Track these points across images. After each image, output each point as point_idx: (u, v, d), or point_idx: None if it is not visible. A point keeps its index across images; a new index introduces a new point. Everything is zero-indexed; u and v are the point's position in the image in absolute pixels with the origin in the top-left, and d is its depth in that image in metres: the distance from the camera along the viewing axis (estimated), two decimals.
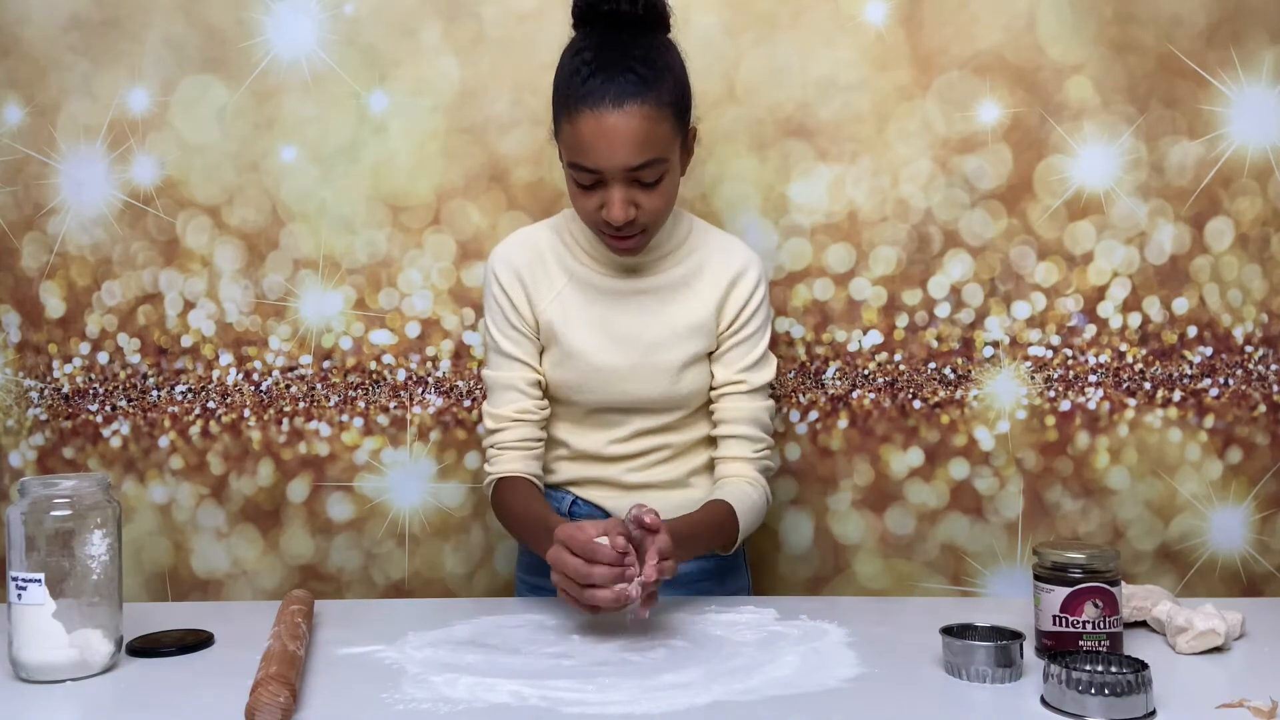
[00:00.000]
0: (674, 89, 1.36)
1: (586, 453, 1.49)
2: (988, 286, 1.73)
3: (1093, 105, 1.71)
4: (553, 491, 1.52)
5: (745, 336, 1.47)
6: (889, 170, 1.72)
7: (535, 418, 1.46)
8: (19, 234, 1.78)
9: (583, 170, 1.35)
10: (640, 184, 1.35)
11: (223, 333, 1.78)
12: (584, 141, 1.33)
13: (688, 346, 1.46)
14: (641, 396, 1.45)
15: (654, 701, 1.06)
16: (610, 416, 1.47)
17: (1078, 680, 1.02)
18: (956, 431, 1.75)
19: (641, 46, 1.34)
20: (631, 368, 1.45)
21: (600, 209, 1.36)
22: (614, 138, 1.31)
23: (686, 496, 1.47)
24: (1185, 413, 1.74)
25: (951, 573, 1.76)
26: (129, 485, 1.79)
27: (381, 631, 1.29)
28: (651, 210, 1.36)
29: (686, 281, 1.47)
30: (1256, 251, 1.73)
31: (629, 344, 1.45)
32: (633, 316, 1.46)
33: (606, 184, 1.34)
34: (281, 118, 1.75)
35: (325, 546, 1.79)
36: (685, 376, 1.46)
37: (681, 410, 1.48)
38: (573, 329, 1.45)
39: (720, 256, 1.49)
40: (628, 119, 1.30)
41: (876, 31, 1.71)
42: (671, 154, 1.36)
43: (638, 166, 1.32)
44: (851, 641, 1.25)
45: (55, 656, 1.14)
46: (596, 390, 1.45)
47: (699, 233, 1.51)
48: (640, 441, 1.47)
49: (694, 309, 1.46)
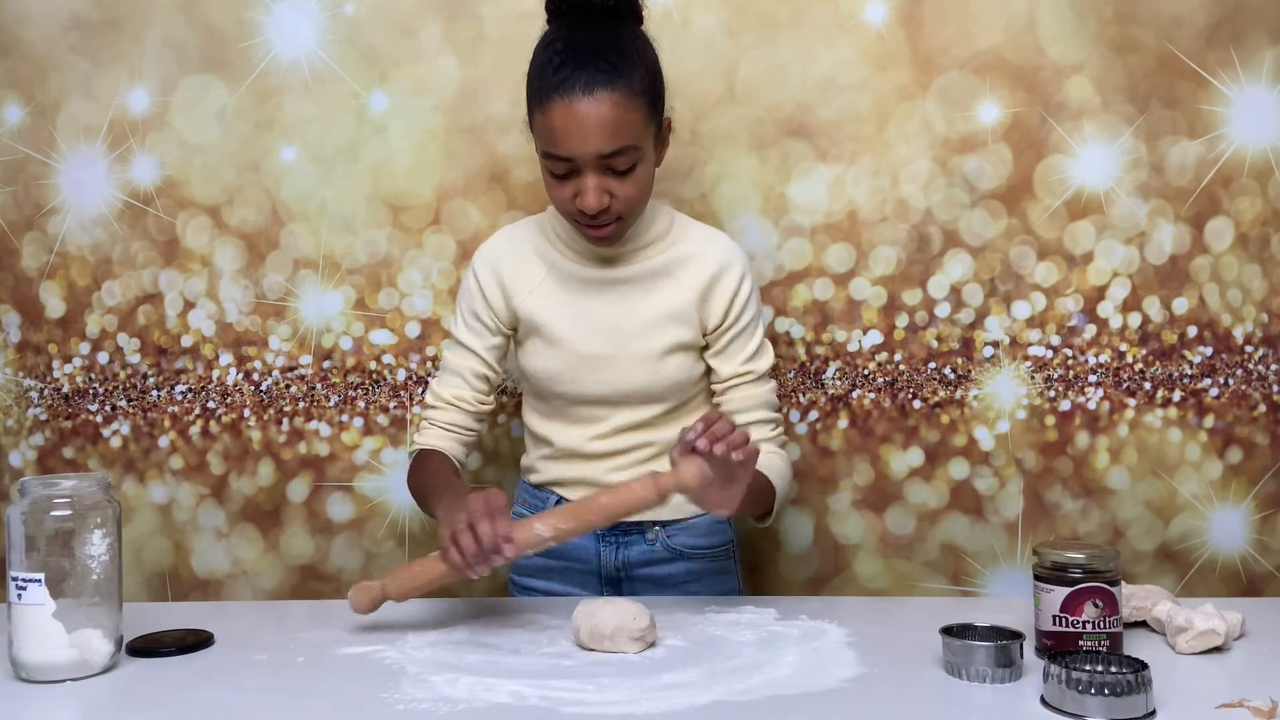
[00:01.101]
0: (645, 78, 1.37)
1: (568, 450, 1.49)
2: (988, 286, 1.73)
3: (1093, 105, 1.71)
4: (537, 492, 1.53)
5: (741, 328, 1.47)
6: (889, 170, 1.72)
7: (470, 408, 1.48)
8: (19, 234, 1.78)
9: (556, 159, 1.35)
10: (614, 172, 1.35)
11: (223, 333, 1.78)
12: (556, 130, 1.34)
13: (668, 334, 1.45)
14: (622, 387, 1.45)
15: (654, 701, 1.06)
16: (592, 410, 1.47)
17: (1078, 680, 1.02)
18: (956, 431, 1.75)
19: (613, 36, 1.36)
20: (612, 356, 1.45)
21: (575, 198, 1.36)
22: (585, 125, 1.32)
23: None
24: (1185, 413, 1.74)
25: (951, 573, 1.76)
26: (129, 485, 1.79)
27: (381, 631, 1.29)
28: (626, 199, 1.37)
29: (667, 270, 1.47)
30: (1256, 251, 1.73)
31: (609, 332, 1.45)
32: (612, 305, 1.46)
33: (580, 172, 1.35)
34: (281, 118, 1.75)
35: (325, 546, 1.79)
36: (667, 365, 1.46)
37: (663, 404, 1.47)
38: (553, 318, 1.46)
39: (702, 248, 1.49)
40: (598, 106, 1.32)
41: (876, 31, 1.71)
42: (644, 143, 1.37)
43: (610, 154, 1.33)
44: (851, 641, 1.24)
45: (55, 656, 1.14)
46: (577, 380, 1.46)
47: (680, 225, 1.51)
48: (622, 438, 1.47)
49: (674, 297, 1.46)
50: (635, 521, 1.48)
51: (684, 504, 1.47)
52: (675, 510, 1.48)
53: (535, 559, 1.50)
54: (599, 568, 1.50)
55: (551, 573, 1.52)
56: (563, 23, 1.39)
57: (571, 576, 1.52)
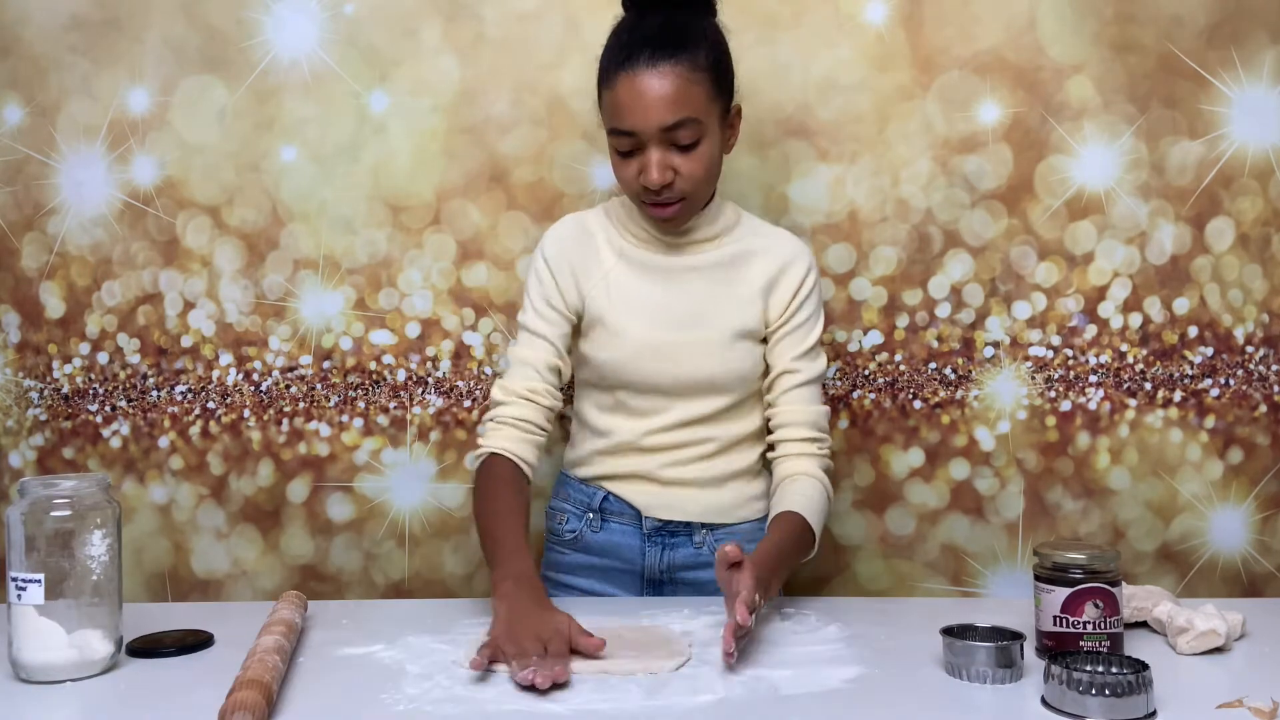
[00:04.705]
0: (712, 55, 1.38)
1: (624, 444, 1.47)
2: (988, 287, 1.73)
3: (1093, 105, 1.70)
4: (584, 486, 1.51)
5: (798, 324, 1.47)
6: (889, 170, 1.72)
7: (544, 401, 1.43)
8: (19, 234, 1.78)
9: (620, 134, 1.37)
10: (677, 148, 1.36)
11: (223, 333, 1.78)
12: (620, 104, 1.35)
13: (734, 321, 1.45)
14: (688, 376, 1.44)
15: (654, 701, 1.06)
16: (653, 402, 1.45)
17: (1078, 681, 1.01)
18: (957, 432, 1.75)
19: (681, 20, 1.38)
20: (679, 344, 1.44)
21: (639, 175, 1.37)
22: (648, 96, 1.33)
23: (718, 499, 1.47)
24: (1186, 413, 1.74)
25: (952, 573, 1.76)
26: (129, 485, 1.79)
27: (381, 631, 1.29)
28: (690, 175, 1.37)
29: (734, 263, 1.47)
30: (1257, 251, 1.73)
31: (677, 321, 1.44)
32: (680, 293, 1.46)
33: (644, 148, 1.36)
34: (281, 118, 1.75)
35: (325, 547, 1.79)
36: (734, 352, 1.44)
37: (726, 397, 1.45)
38: (621, 306, 1.45)
39: (769, 244, 1.49)
40: (661, 78, 1.33)
41: (876, 32, 1.71)
42: (709, 119, 1.37)
43: (672, 125, 1.34)
44: (851, 641, 1.25)
45: (55, 657, 1.14)
46: (642, 369, 1.44)
47: (748, 222, 1.52)
48: (681, 433, 1.46)
49: (740, 290, 1.46)
50: (684, 523, 1.47)
51: (732, 508, 1.47)
52: (722, 513, 1.48)
53: (576, 555, 1.50)
54: (643, 568, 1.49)
55: (593, 571, 1.50)
56: (634, 10, 1.41)
57: (613, 576, 1.50)
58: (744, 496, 1.49)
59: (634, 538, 1.48)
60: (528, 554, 1.30)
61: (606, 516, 1.49)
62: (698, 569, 1.48)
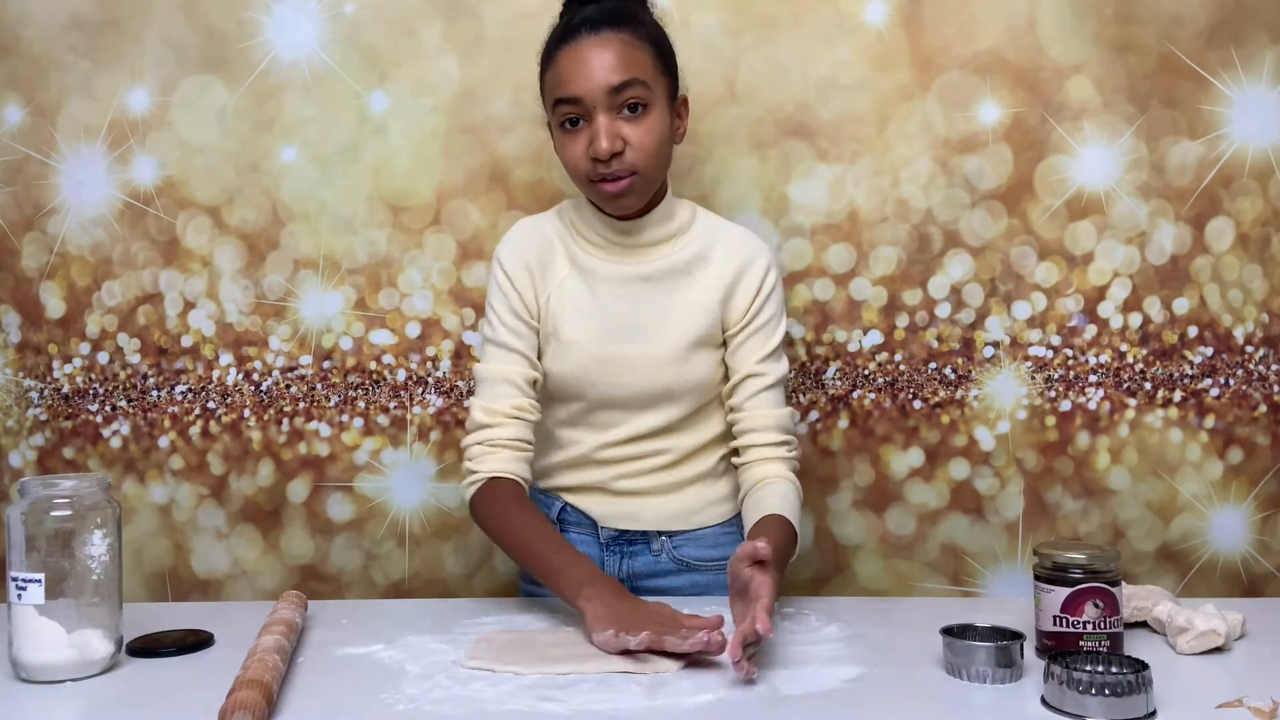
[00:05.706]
0: (653, 29, 1.39)
1: (582, 456, 1.45)
2: (988, 286, 1.73)
3: (1093, 105, 1.71)
4: (542, 497, 1.50)
5: (760, 325, 1.43)
6: (889, 170, 1.72)
7: (531, 416, 1.41)
8: (19, 234, 1.78)
9: (565, 104, 1.34)
10: (625, 114, 1.34)
11: (223, 333, 1.78)
12: (563, 74, 1.34)
13: (690, 331, 1.41)
14: (643, 389, 1.41)
15: (654, 701, 1.06)
16: (608, 415, 1.44)
17: (1078, 680, 1.02)
18: (957, 432, 1.75)
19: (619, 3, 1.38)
20: (630, 357, 1.41)
21: (589, 147, 1.34)
22: (592, 61, 1.33)
23: (677, 506, 1.46)
24: (1186, 413, 1.74)
25: (952, 573, 1.76)
26: (129, 485, 1.79)
27: (381, 631, 1.29)
28: (639, 146, 1.34)
29: (690, 268, 1.43)
30: (1257, 251, 1.73)
31: (631, 332, 1.41)
32: (635, 303, 1.42)
33: (591, 119, 1.34)
34: (281, 118, 1.75)
35: (325, 547, 1.79)
36: (690, 364, 1.41)
37: (682, 407, 1.43)
38: (573, 318, 1.42)
39: (727, 244, 1.45)
40: (604, 43, 1.33)
41: (876, 32, 1.71)
42: (655, 88, 1.35)
43: (619, 86, 1.32)
44: (851, 641, 1.25)
45: (55, 656, 1.14)
46: (598, 382, 1.41)
47: (704, 219, 1.47)
48: (637, 445, 1.44)
49: (698, 295, 1.43)
50: (640, 531, 1.46)
51: (691, 513, 1.46)
52: (681, 519, 1.46)
53: None
54: None
55: None
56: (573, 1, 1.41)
57: None
58: (704, 501, 1.47)
59: (592, 547, 1.46)
60: (586, 557, 1.31)
61: (565, 526, 1.48)
62: (658, 576, 1.47)
